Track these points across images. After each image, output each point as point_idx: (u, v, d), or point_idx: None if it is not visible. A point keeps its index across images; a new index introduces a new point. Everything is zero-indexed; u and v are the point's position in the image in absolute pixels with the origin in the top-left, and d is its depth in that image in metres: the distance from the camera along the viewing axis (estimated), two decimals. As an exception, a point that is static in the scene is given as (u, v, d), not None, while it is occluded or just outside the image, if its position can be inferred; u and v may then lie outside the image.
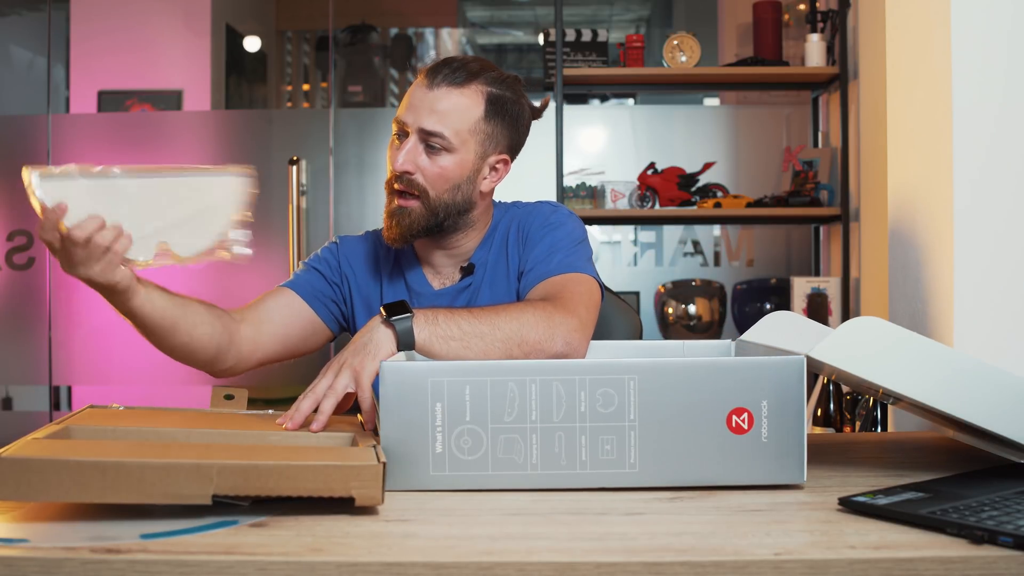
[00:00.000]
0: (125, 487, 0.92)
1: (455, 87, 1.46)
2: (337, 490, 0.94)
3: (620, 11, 6.77)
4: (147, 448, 1.01)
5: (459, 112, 1.46)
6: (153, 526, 0.92)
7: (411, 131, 1.46)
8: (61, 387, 3.69)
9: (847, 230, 3.21)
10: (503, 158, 1.54)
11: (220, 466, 0.93)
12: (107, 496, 0.92)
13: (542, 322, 1.32)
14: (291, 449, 1.06)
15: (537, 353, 1.31)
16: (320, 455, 1.00)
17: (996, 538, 0.85)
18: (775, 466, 1.08)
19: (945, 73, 1.45)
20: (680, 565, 0.83)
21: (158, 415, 1.26)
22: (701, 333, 3.42)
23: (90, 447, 1.01)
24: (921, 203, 1.57)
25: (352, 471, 0.95)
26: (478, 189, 1.52)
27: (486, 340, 1.29)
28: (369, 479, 0.95)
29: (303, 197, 3.51)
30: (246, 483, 0.93)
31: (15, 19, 4.32)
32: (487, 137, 1.50)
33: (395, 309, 1.28)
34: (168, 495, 0.92)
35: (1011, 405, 1.10)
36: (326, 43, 3.97)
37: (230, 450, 1.02)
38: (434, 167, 1.47)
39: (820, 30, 3.28)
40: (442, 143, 1.45)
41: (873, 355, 1.10)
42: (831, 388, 2.07)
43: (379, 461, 0.96)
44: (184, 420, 1.22)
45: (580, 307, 1.40)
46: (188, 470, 0.93)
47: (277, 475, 0.94)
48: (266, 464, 0.94)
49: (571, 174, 3.56)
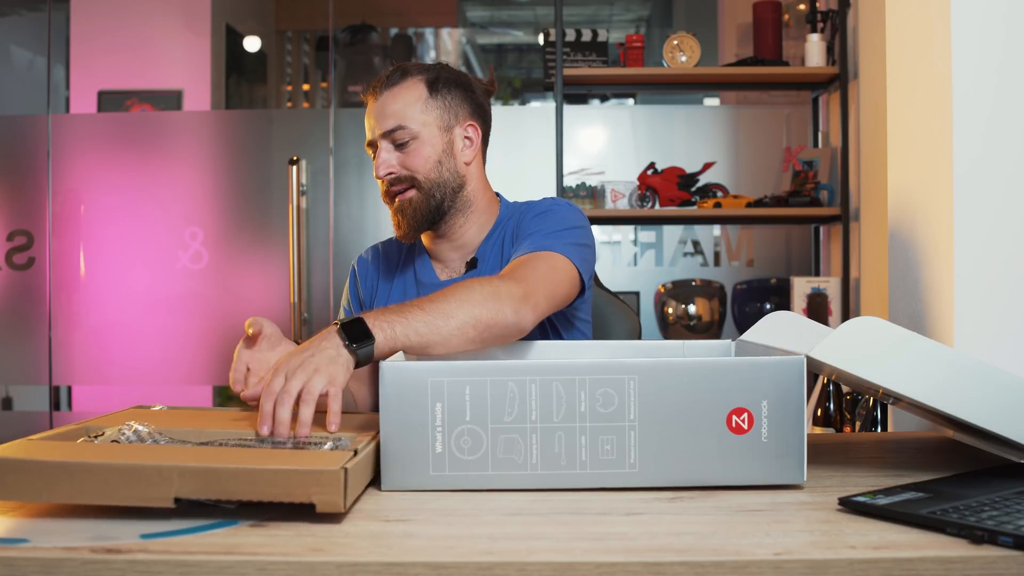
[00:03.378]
0: (90, 489, 0.93)
1: (394, 87, 1.60)
2: (298, 495, 0.92)
3: (620, 11, 6.77)
4: (116, 451, 1.01)
5: (406, 103, 1.59)
6: (153, 526, 0.92)
7: (378, 140, 1.60)
8: (61, 387, 3.69)
9: (847, 230, 3.21)
10: (470, 123, 1.64)
11: (181, 469, 0.93)
12: (74, 497, 0.93)
13: (489, 298, 1.34)
14: (263, 452, 1.04)
15: (492, 328, 1.33)
16: (289, 458, 0.98)
17: (996, 538, 0.85)
18: (775, 466, 1.08)
19: (945, 73, 1.45)
20: (680, 565, 0.83)
21: (191, 417, 1.27)
22: (701, 333, 3.42)
23: (63, 449, 1.01)
24: (921, 203, 1.57)
25: (312, 476, 0.92)
26: (461, 161, 1.63)
27: (442, 332, 1.30)
28: (329, 485, 0.91)
29: (303, 197, 3.51)
30: (206, 486, 0.92)
31: (15, 19, 4.32)
32: (442, 110, 1.61)
33: (355, 331, 1.24)
34: (131, 497, 0.93)
35: (1011, 405, 1.10)
36: (326, 43, 3.97)
37: (198, 453, 1.01)
38: (409, 156, 1.59)
39: (820, 30, 3.28)
40: (404, 134, 1.58)
41: (873, 355, 1.10)
42: (831, 388, 2.07)
43: (341, 466, 0.93)
44: (209, 422, 1.23)
45: (531, 278, 1.42)
46: (149, 472, 0.93)
47: (236, 478, 0.92)
48: (226, 468, 0.93)
49: (571, 174, 3.56)
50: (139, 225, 3.57)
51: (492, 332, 1.34)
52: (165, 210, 3.58)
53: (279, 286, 3.54)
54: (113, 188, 3.59)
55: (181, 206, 3.59)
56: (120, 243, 3.56)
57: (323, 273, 3.57)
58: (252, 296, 3.58)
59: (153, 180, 3.60)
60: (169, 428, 1.17)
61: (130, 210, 3.58)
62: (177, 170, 3.61)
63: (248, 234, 3.59)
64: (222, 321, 3.52)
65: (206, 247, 3.56)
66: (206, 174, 3.63)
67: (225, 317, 3.53)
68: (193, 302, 3.54)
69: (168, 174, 3.61)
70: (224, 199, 3.62)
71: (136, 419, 1.18)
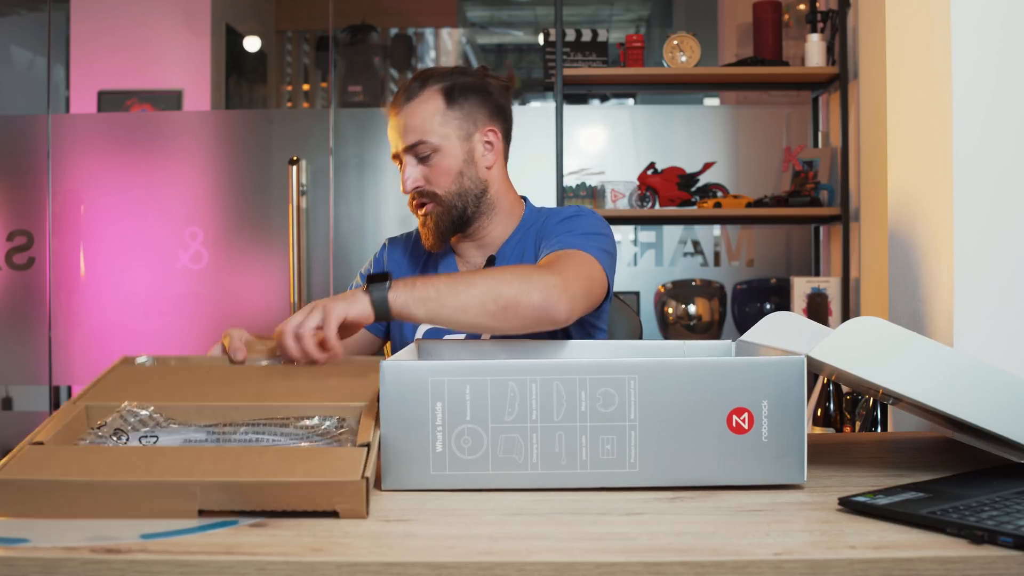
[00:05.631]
0: (113, 505, 0.95)
1: (413, 100, 1.62)
2: (321, 505, 0.95)
3: (620, 11, 6.77)
4: (132, 461, 1.01)
5: (425, 116, 1.61)
6: (153, 526, 0.92)
7: (401, 154, 1.63)
8: (61, 387, 3.69)
9: (847, 230, 3.21)
10: (490, 129, 1.65)
11: (203, 484, 0.95)
12: (97, 513, 0.95)
13: (519, 279, 1.35)
14: (280, 454, 1.04)
15: (514, 307, 1.34)
16: (307, 464, 0.99)
17: (996, 538, 0.85)
18: (775, 466, 1.08)
19: (945, 73, 1.45)
20: (680, 565, 0.83)
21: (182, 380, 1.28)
22: (701, 333, 3.42)
23: (78, 462, 1.01)
24: (921, 203, 1.57)
25: (335, 487, 0.95)
26: (482, 167, 1.65)
27: (460, 297, 1.32)
28: (352, 494, 0.95)
29: (303, 197, 3.51)
30: (230, 500, 0.95)
31: (15, 19, 4.32)
32: (461, 120, 1.63)
33: (377, 280, 1.33)
34: (155, 511, 0.95)
35: (1011, 405, 1.10)
36: (326, 43, 3.97)
37: (217, 459, 1.01)
38: (432, 170, 1.61)
39: (820, 30, 3.28)
40: (426, 148, 1.60)
41: (873, 355, 1.10)
42: (831, 388, 2.07)
43: (362, 476, 0.96)
44: (203, 390, 1.23)
45: (568, 272, 1.42)
46: (172, 489, 0.95)
47: (260, 492, 0.95)
48: (249, 482, 0.95)
49: (571, 174, 3.56)
50: (139, 225, 3.57)
51: (515, 312, 1.34)
52: (165, 210, 3.58)
53: (279, 286, 3.54)
54: (113, 188, 3.59)
55: (181, 206, 3.59)
56: (120, 243, 3.56)
57: (323, 273, 3.57)
58: (252, 296, 3.58)
59: (153, 180, 3.60)
60: (166, 403, 1.17)
61: (130, 210, 3.58)
62: (177, 170, 3.61)
63: (248, 234, 3.59)
64: (222, 321, 3.52)
65: (206, 247, 3.56)
66: (206, 174, 3.63)
67: (225, 317, 3.53)
68: (193, 302, 3.54)
69: (168, 174, 3.61)
70: (224, 199, 3.62)
71: (130, 397, 1.18)
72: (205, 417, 1.16)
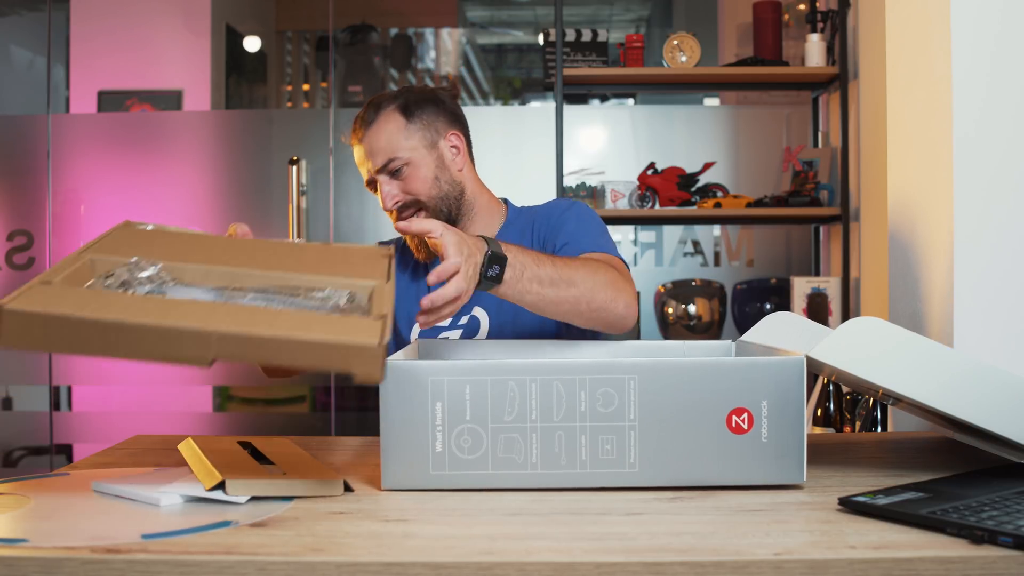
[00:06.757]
0: (124, 346, 0.92)
1: (373, 125, 1.67)
2: (337, 366, 0.94)
3: (620, 11, 6.77)
4: (149, 306, 0.98)
5: (389, 135, 1.66)
6: (153, 526, 0.92)
7: (375, 177, 1.67)
8: (61, 387, 3.69)
9: (847, 230, 3.21)
10: (452, 133, 1.70)
11: (220, 334, 0.92)
12: (108, 352, 0.92)
13: (610, 286, 1.43)
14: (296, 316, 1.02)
15: (601, 312, 1.41)
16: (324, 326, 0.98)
17: (996, 538, 0.85)
18: (775, 466, 1.08)
19: (945, 73, 1.45)
20: (680, 565, 0.83)
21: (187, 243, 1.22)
22: (701, 333, 3.42)
23: (96, 301, 0.97)
24: (921, 203, 1.57)
25: (354, 351, 0.94)
26: (454, 170, 1.69)
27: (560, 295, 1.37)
28: (370, 359, 0.94)
29: (303, 197, 3.51)
30: (244, 352, 0.93)
31: (15, 19, 4.32)
32: (423, 130, 1.67)
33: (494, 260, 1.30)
34: (167, 356, 0.92)
35: (1011, 405, 1.10)
36: (326, 43, 3.97)
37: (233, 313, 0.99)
38: (408, 182, 1.66)
39: (820, 30, 3.28)
40: (398, 163, 1.65)
41: (873, 355, 1.10)
42: (831, 388, 2.07)
43: (380, 343, 0.95)
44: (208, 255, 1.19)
45: (630, 284, 1.52)
46: (189, 336, 0.92)
47: (277, 347, 0.92)
48: (265, 336, 0.92)
49: (571, 174, 3.56)
50: (139, 225, 3.57)
51: (599, 315, 1.42)
52: (165, 210, 3.58)
53: (279, 286, 3.53)
54: (113, 188, 3.59)
55: (181, 206, 3.59)
56: (120, 243, 3.56)
57: (323, 273, 3.56)
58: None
59: (153, 180, 3.60)
60: (174, 263, 1.13)
61: (130, 210, 3.58)
62: (177, 170, 3.61)
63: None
64: (222, 321, 3.51)
65: (206, 247, 3.55)
66: (206, 174, 3.63)
67: (225, 317, 3.52)
68: (193, 302, 3.53)
69: (168, 174, 3.61)
70: (224, 199, 3.62)
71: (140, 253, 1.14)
72: (212, 280, 1.13)
